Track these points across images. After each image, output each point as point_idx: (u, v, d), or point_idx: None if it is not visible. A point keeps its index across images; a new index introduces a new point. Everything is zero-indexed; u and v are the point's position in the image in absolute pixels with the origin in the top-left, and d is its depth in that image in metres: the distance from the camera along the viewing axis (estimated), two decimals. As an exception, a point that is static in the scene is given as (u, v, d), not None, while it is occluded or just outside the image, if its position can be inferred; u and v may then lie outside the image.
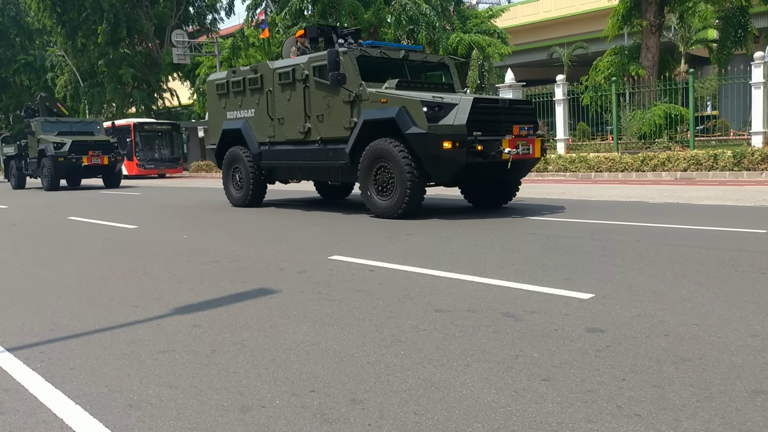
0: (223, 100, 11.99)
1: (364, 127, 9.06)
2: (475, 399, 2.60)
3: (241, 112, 11.57)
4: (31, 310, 4.42)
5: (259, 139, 11.13)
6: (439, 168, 8.60)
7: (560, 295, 4.21)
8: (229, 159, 11.90)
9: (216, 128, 12.31)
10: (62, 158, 20.93)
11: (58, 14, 37.46)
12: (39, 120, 22.63)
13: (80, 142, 21.51)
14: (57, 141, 21.31)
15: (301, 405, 2.61)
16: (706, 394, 2.56)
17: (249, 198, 11.53)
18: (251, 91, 11.23)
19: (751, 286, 4.29)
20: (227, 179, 12.07)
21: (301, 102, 10.16)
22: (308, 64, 10.00)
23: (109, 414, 2.60)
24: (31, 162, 22.91)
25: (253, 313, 4.09)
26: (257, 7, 26.02)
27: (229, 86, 11.75)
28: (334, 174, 10.11)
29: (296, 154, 10.50)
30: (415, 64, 10.20)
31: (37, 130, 22.20)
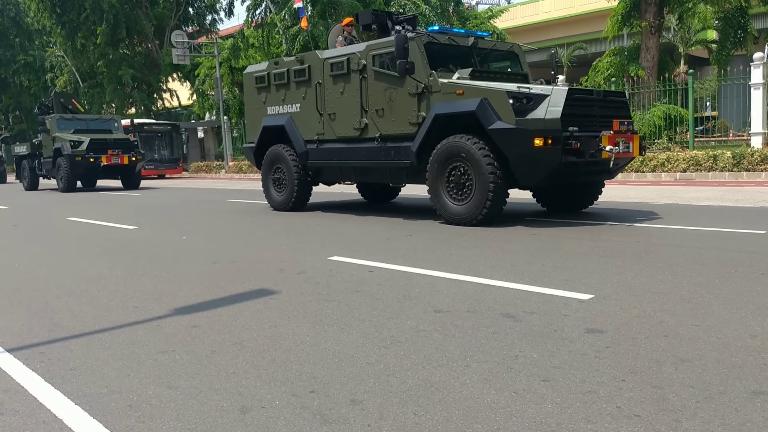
0: (262, 94, 10.98)
1: (435, 122, 8.09)
2: (475, 399, 2.60)
3: (284, 107, 10.56)
4: (31, 311, 4.42)
5: (306, 137, 10.18)
6: (527, 169, 7.60)
7: (560, 296, 4.21)
8: (270, 158, 10.89)
9: (254, 125, 11.32)
10: (79, 158, 19.61)
11: (57, 15, 37.45)
12: (54, 117, 21.43)
13: (99, 141, 20.25)
14: (74, 139, 20.08)
15: (301, 405, 2.61)
16: (705, 394, 2.56)
17: (293, 201, 10.54)
18: (297, 83, 10.23)
19: (751, 287, 4.29)
20: (267, 181, 11.05)
21: (356, 95, 9.21)
22: (366, 53, 9.04)
23: (108, 415, 2.60)
24: (46, 162, 21.70)
25: (253, 313, 4.09)
26: (257, 7, 26.02)
27: (270, 79, 10.76)
28: (396, 175, 9.19)
29: (350, 152, 9.53)
30: (484, 52, 9.20)
31: (52, 128, 20.98)
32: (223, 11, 41.47)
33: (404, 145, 8.62)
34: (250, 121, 11.59)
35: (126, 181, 21.62)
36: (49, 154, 21.20)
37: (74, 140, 20.02)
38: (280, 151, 10.65)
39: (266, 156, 10.97)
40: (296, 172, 10.36)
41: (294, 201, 10.54)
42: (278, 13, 24.11)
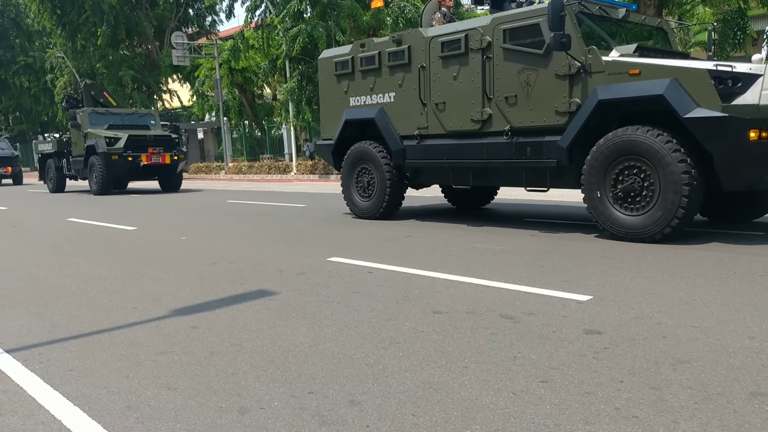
0: (344, 82, 9.48)
1: (597, 110, 6.59)
2: (473, 400, 2.61)
3: (373, 97, 9.05)
4: (30, 312, 4.42)
5: (402, 131, 8.69)
6: (737, 169, 6.04)
7: (558, 297, 4.21)
8: (353, 158, 9.41)
9: (332, 118, 9.83)
10: (116, 156, 17.61)
11: (58, 16, 37.44)
12: (86, 111, 19.26)
13: (138, 138, 18.20)
14: (110, 136, 18.03)
15: (300, 406, 2.61)
16: (703, 396, 2.57)
17: (384, 207, 9.02)
18: (391, 68, 8.75)
19: (749, 288, 4.30)
20: (349, 183, 9.55)
21: (477, 80, 7.66)
22: (492, 28, 7.47)
23: (107, 415, 2.60)
24: (75, 161, 19.52)
25: (252, 314, 4.09)
26: (256, 8, 26.01)
27: (354, 64, 9.27)
28: (533, 178, 7.47)
29: (465, 150, 7.97)
30: (631, 27, 7.77)
31: (84, 123, 18.87)
32: (223, 12, 41.48)
33: (547, 140, 7.08)
34: (327, 114, 10.02)
35: (165, 183, 19.49)
36: (79, 152, 19.19)
37: (110, 137, 18.04)
38: (366, 149, 9.17)
39: (348, 155, 9.51)
40: (388, 173, 8.90)
41: (385, 207, 9.04)
42: (278, 15, 24.10)
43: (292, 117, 24.71)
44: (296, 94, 23.82)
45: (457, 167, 8.25)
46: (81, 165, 19.05)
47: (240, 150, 33.76)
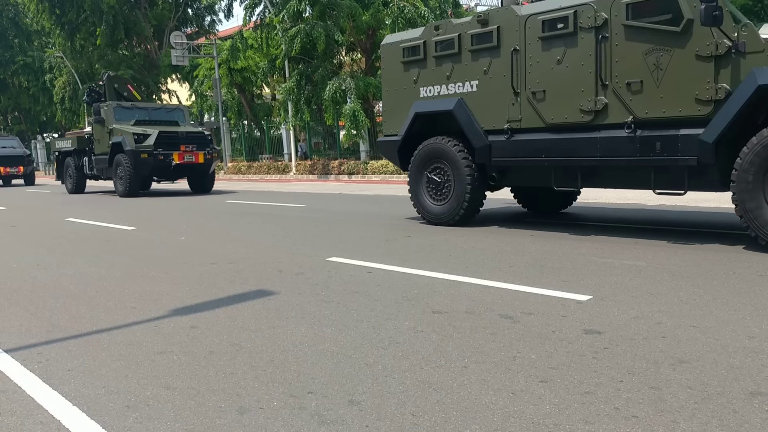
0: (413, 70, 8.40)
1: (755, 97, 5.58)
2: (473, 400, 2.60)
3: (450, 87, 7.96)
4: (29, 312, 4.42)
5: (487, 125, 7.58)
6: None
7: (558, 297, 4.21)
8: (424, 156, 8.28)
9: (397, 112, 8.71)
10: (146, 154, 16.13)
11: (57, 16, 37.45)
12: (111, 105, 17.65)
13: (169, 134, 16.66)
14: (138, 132, 16.59)
15: (299, 406, 2.61)
16: (703, 395, 2.57)
17: (462, 212, 7.90)
18: (474, 53, 7.65)
19: (749, 288, 4.30)
20: (419, 185, 8.42)
21: (589, 63, 6.62)
22: (610, 3, 6.45)
23: (106, 415, 2.60)
24: (98, 159, 18.05)
25: (251, 314, 4.09)
26: (255, 7, 26.01)
27: (427, 49, 8.18)
28: (666, 178, 6.41)
29: (572, 146, 6.83)
30: None
31: (109, 118, 17.34)
32: (222, 12, 41.44)
33: (684, 134, 6.08)
34: (391, 107, 8.89)
35: (196, 183, 17.91)
36: (103, 150, 17.72)
37: (138, 133, 16.56)
38: (441, 146, 8.07)
39: (418, 152, 8.40)
40: (468, 174, 7.75)
41: (463, 212, 7.91)
42: (277, 15, 24.10)
43: (291, 117, 24.71)
44: (295, 94, 23.80)
45: (561, 166, 7.06)
46: (105, 164, 17.59)
47: (239, 150, 33.74)
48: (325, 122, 24.59)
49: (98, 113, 17.60)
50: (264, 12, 25.83)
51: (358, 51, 25.63)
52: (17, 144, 29.42)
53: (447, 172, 8.09)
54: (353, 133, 21.92)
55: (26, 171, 28.00)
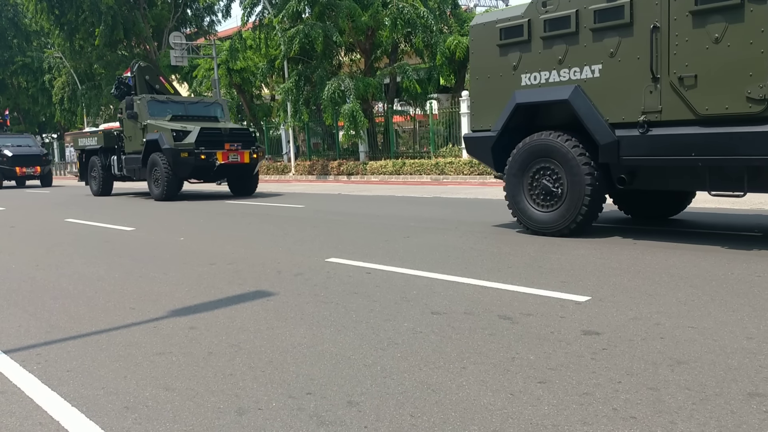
0: (513, 53, 7.23)
1: None
2: (472, 401, 2.61)
3: (563, 72, 6.82)
4: (28, 312, 4.42)
5: (613, 117, 6.45)
6: None
7: (557, 298, 4.22)
8: (527, 154, 7.06)
9: (490, 103, 7.53)
10: (186, 153, 14.39)
11: (56, 16, 37.42)
12: (145, 99, 15.97)
13: (212, 131, 14.86)
14: (177, 128, 14.87)
15: (298, 407, 2.61)
16: (701, 396, 2.57)
17: (578, 219, 6.70)
18: (597, 32, 6.51)
19: (747, 289, 4.30)
20: (519, 188, 7.20)
21: (761, 42, 5.54)
22: None
23: (105, 416, 2.60)
24: (129, 158, 16.52)
25: (250, 315, 4.09)
26: (254, 6, 26.00)
27: (533, 29, 7.04)
28: None
29: (736, 142, 5.70)
30: None
31: (143, 113, 15.68)
32: (221, 13, 41.42)
33: None
34: (482, 97, 7.71)
35: (239, 185, 15.98)
36: (135, 148, 16.11)
37: (178, 130, 14.82)
38: (551, 143, 6.85)
39: (519, 150, 7.18)
40: (588, 173, 6.57)
41: (581, 219, 6.70)
42: (276, 15, 24.10)
43: (290, 117, 24.72)
44: (293, 94, 23.81)
45: (719, 167, 5.99)
46: (137, 164, 15.96)
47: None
48: (324, 122, 24.60)
49: (131, 107, 15.74)
50: (263, 12, 25.84)
51: (358, 51, 25.64)
52: (33, 142, 28.09)
53: (558, 173, 6.87)
54: (352, 133, 21.92)
55: (43, 171, 26.48)
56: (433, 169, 19.83)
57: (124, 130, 16.76)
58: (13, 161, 25.57)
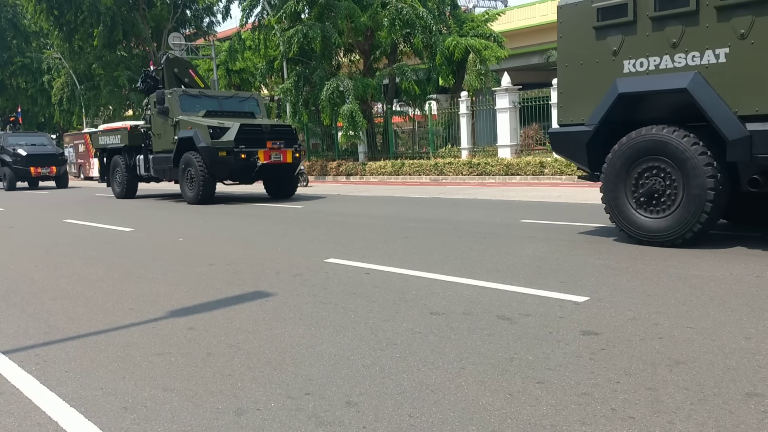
0: (613, 36, 6.43)
1: None
2: (470, 401, 2.61)
3: (679, 58, 5.97)
4: (27, 313, 4.42)
5: (743, 109, 5.66)
6: None
7: (555, 298, 4.22)
8: (632, 152, 6.26)
9: (584, 93, 6.76)
10: (224, 152, 13.04)
11: (55, 17, 37.43)
12: (177, 92, 14.54)
13: (252, 128, 13.51)
14: (215, 125, 13.42)
15: (296, 407, 2.61)
16: (699, 396, 2.57)
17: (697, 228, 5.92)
18: (723, 10, 5.70)
19: (745, 290, 4.31)
20: (621, 192, 6.40)
21: None
22: None
23: (103, 417, 2.60)
24: (158, 158, 15.07)
25: (249, 316, 4.09)
26: (253, 7, 26.01)
27: (638, 8, 6.23)
28: None
29: None
30: None
31: (174, 108, 14.20)
32: (220, 13, 41.45)
33: None
34: (573, 87, 6.90)
35: (277, 187, 14.72)
36: (165, 146, 14.70)
37: (215, 126, 13.40)
38: (662, 139, 6.03)
39: (622, 147, 6.35)
40: (711, 176, 5.77)
41: (700, 227, 5.92)
42: (275, 16, 24.12)
43: (289, 118, 24.72)
44: (293, 94, 23.82)
45: None
46: (167, 164, 14.59)
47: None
48: (323, 123, 24.61)
49: (162, 102, 14.17)
50: (262, 13, 25.85)
51: (357, 52, 25.65)
52: (48, 141, 26.61)
53: (669, 173, 6.07)
54: (351, 134, 21.94)
55: (59, 171, 24.97)
56: (432, 169, 19.84)
57: (152, 127, 15.22)
58: (27, 161, 24.19)
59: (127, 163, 16.62)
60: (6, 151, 24.72)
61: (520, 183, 17.80)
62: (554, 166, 18.12)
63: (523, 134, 21.84)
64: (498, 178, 18.98)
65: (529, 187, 15.68)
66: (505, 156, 20.65)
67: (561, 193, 13.44)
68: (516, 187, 16.24)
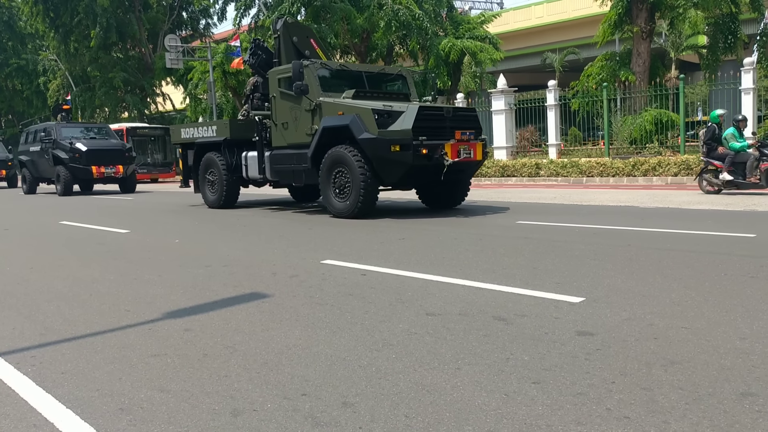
0: None
1: None
2: (466, 402, 2.61)
3: None
4: (23, 315, 4.41)
5: None
6: None
7: (551, 299, 4.23)
8: None
9: None
10: (398, 146, 9.21)
11: (51, 19, 37.40)
12: (314, 66, 10.65)
13: (434, 113, 9.73)
14: (379, 108, 9.58)
15: (293, 408, 2.62)
16: (694, 396, 2.58)
17: None
18: None
19: (740, 290, 4.32)
20: None
21: None
22: None
23: (100, 418, 2.60)
24: (281, 155, 11.18)
25: (245, 317, 4.09)
26: (248, 8, 26.01)
27: None
28: None
29: None
30: None
31: (314, 88, 10.35)
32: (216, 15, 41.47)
33: None
34: None
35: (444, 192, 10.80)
36: (294, 139, 10.84)
37: (380, 110, 9.55)
38: None
39: None
40: None
41: None
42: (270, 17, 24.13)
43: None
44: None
45: None
46: (299, 163, 10.72)
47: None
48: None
49: (299, 76, 10.14)
50: (258, 15, 25.86)
51: (353, 54, 25.67)
52: (111, 133, 21.76)
53: None
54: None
55: (126, 172, 19.88)
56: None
57: (272, 113, 11.35)
58: (88, 158, 19.15)
59: (228, 163, 12.48)
60: (60, 146, 19.61)
61: (515, 185, 17.84)
62: (550, 168, 18.16)
63: (519, 136, 21.89)
64: (494, 179, 19.01)
65: (524, 189, 15.72)
66: (501, 158, 20.69)
67: (557, 194, 13.47)
68: (511, 188, 16.27)
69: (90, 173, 19.35)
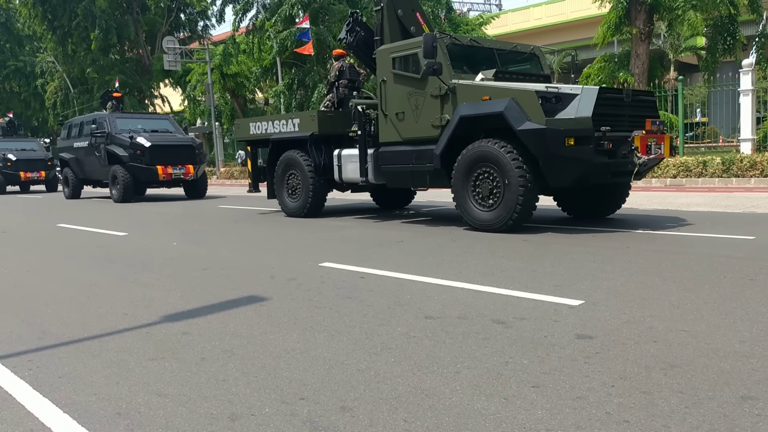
0: None
1: None
2: (465, 406, 2.60)
3: None
4: (20, 318, 4.39)
5: None
6: None
7: (550, 302, 4.22)
8: None
9: None
10: (573, 140, 7.12)
11: (49, 21, 37.40)
12: (443, 40, 8.53)
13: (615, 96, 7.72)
14: (543, 90, 7.44)
15: (291, 413, 2.60)
16: (694, 400, 2.57)
17: None
18: None
19: (740, 293, 4.32)
20: None
21: None
22: None
23: (97, 422, 2.58)
24: (394, 153, 9.06)
25: (243, 320, 4.08)
26: (246, 11, 26.00)
27: None
28: None
29: None
30: None
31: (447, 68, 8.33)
32: (215, 17, 41.50)
33: None
34: None
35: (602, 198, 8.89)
36: (413, 133, 8.82)
37: (545, 93, 7.45)
38: None
39: None
40: None
41: None
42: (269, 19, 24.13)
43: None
44: (286, 97, 23.82)
45: None
46: (421, 162, 8.70)
47: (232, 155, 33.68)
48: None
49: (431, 53, 8.05)
50: (256, 16, 25.87)
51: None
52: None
53: None
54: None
55: (197, 173, 17.06)
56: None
57: (382, 102, 9.25)
58: (152, 156, 16.64)
59: (315, 163, 10.36)
60: (117, 141, 16.78)
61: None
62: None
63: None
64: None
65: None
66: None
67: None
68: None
69: (155, 174, 16.29)
